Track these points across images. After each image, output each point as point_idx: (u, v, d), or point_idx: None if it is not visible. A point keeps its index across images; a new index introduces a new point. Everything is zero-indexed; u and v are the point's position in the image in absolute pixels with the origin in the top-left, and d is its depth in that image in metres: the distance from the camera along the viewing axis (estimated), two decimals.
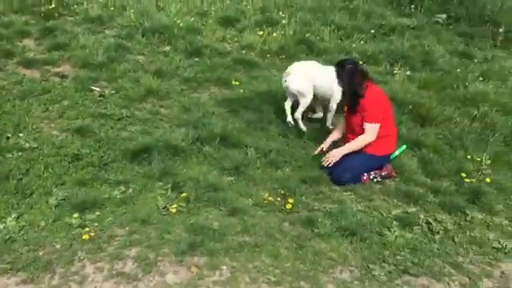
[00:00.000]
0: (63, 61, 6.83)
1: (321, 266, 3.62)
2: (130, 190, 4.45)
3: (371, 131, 4.75)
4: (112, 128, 5.46)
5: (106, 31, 7.83)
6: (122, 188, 4.46)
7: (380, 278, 3.56)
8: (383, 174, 4.94)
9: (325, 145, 5.11)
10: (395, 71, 7.34)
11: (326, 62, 7.29)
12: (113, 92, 6.14)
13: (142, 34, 7.72)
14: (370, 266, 3.67)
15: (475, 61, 8.02)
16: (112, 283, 3.35)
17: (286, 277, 3.49)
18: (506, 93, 6.96)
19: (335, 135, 5.22)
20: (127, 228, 3.95)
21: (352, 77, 4.81)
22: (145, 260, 3.55)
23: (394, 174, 5.00)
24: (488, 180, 5.02)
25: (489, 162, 5.37)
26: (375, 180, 4.89)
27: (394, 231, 4.10)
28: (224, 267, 3.54)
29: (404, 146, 5.33)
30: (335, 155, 4.82)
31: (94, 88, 6.20)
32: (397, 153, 5.18)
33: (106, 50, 7.03)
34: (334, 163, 4.80)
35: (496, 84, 7.18)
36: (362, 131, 4.82)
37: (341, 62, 5.03)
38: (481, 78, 7.27)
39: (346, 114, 5.04)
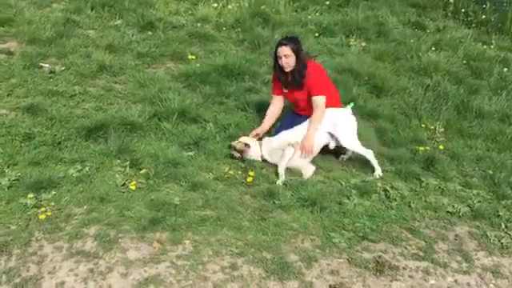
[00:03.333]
0: (9, 37, 6.49)
1: (283, 237, 3.66)
2: (87, 168, 4.33)
3: (321, 103, 4.71)
4: (64, 106, 5.27)
5: (53, 5, 7.49)
6: (78, 166, 4.34)
7: (340, 244, 3.63)
8: None
9: (264, 128, 4.94)
10: (351, 43, 7.41)
11: (282, 36, 7.32)
12: (63, 68, 5.90)
13: (91, 7, 7.44)
14: (330, 234, 3.74)
15: (428, 31, 8.19)
16: (72, 262, 3.28)
17: (248, 248, 3.51)
18: (457, 62, 7.14)
19: (274, 112, 5.02)
20: (85, 206, 3.86)
21: (301, 53, 4.76)
22: (105, 237, 3.49)
23: None
24: (441, 147, 5.18)
25: (442, 130, 5.53)
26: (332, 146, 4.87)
27: (353, 200, 4.18)
28: (187, 241, 3.53)
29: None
30: (310, 144, 4.61)
31: (43, 65, 5.94)
32: None
33: (54, 24, 6.73)
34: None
35: (448, 54, 7.35)
36: (307, 104, 4.82)
37: (291, 38, 4.88)
38: (433, 48, 7.44)
39: (288, 92, 4.95)
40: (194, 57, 6.55)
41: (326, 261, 3.46)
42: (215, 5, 7.92)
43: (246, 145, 4.67)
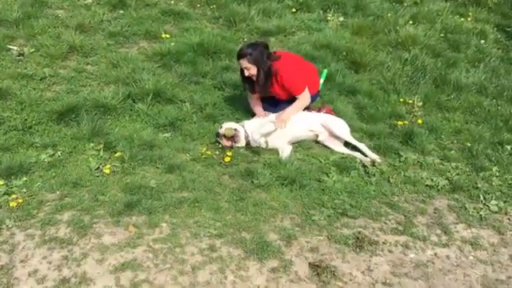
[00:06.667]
0: None
1: (262, 216, 3.61)
2: (59, 152, 4.22)
3: (304, 96, 4.68)
4: (35, 89, 5.12)
5: None
6: (50, 151, 4.23)
7: (320, 222, 3.60)
8: (324, 112, 4.93)
9: (260, 113, 4.84)
10: (328, 18, 7.29)
11: (259, 12, 7.19)
12: (32, 50, 5.72)
13: None
14: (309, 211, 3.70)
15: (405, 4, 8.08)
16: (45, 249, 3.19)
17: (227, 229, 3.46)
18: (434, 35, 7.09)
19: (259, 106, 4.90)
20: (58, 192, 3.76)
21: (263, 57, 4.55)
22: (79, 223, 3.40)
23: (332, 112, 5.00)
24: (420, 121, 5.15)
25: (420, 103, 5.49)
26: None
27: (333, 176, 4.14)
28: (164, 224, 3.46)
29: (325, 71, 5.39)
30: (287, 118, 4.57)
31: (11, 47, 5.74)
32: (322, 81, 5.21)
33: (22, 5, 6.51)
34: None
35: (425, 27, 7.29)
36: (287, 95, 4.71)
37: (250, 47, 4.61)
38: (411, 22, 7.37)
39: None
40: (168, 35, 6.39)
41: (305, 238, 3.43)
42: None
43: (235, 129, 4.49)
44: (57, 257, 3.13)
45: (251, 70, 4.57)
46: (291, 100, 4.72)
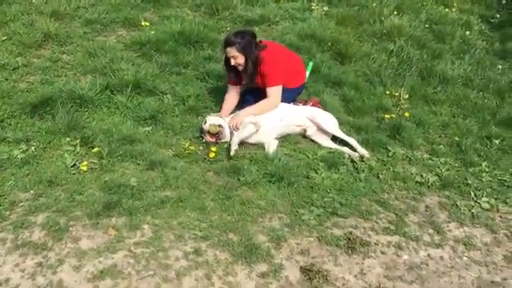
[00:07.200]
0: None
1: (249, 216, 3.44)
2: (33, 148, 3.98)
3: (274, 94, 4.44)
4: (7, 79, 4.86)
5: None
6: (23, 146, 3.99)
7: (310, 222, 3.45)
8: (310, 105, 4.78)
9: (224, 113, 4.55)
10: (313, 7, 7.13)
11: (242, 0, 6.99)
12: (4, 38, 5.43)
13: None
14: (299, 210, 3.55)
15: None
16: (17, 256, 2.97)
17: (213, 230, 3.28)
18: (419, 26, 7.01)
19: (232, 101, 4.65)
20: (32, 191, 3.53)
21: (252, 47, 4.38)
22: (54, 226, 3.18)
23: (319, 105, 4.87)
24: (407, 114, 5.04)
25: (407, 96, 5.38)
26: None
27: (321, 173, 4.00)
28: (145, 226, 3.26)
29: (311, 63, 5.27)
30: (239, 117, 4.36)
31: None
32: (308, 73, 5.08)
33: None
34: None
35: (410, 17, 7.20)
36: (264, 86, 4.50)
37: (238, 34, 4.44)
38: (395, 12, 7.25)
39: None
40: (147, 23, 6.14)
41: (295, 240, 3.28)
42: None
43: (219, 126, 4.29)
44: (30, 264, 2.91)
45: (238, 59, 4.38)
46: None
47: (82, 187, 3.58)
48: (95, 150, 3.98)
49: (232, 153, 4.04)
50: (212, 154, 4.10)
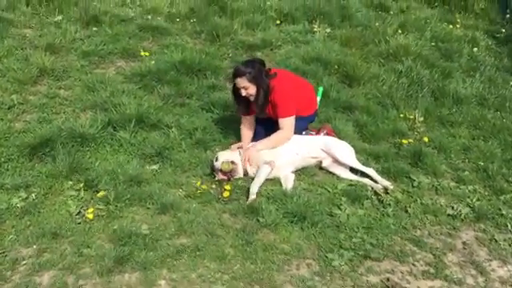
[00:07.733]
0: None
1: (274, 264, 3.15)
2: (33, 195, 3.71)
3: (288, 126, 4.23)
4: (2, 119, 4.63)
5: None
6: (23, 194, 3.72)
7: (341, 268, 3.16)
8: (325, 133, 4.54)
9: (245, 144, 4.35)
10: (315, 29, 6.95)
11: (242, 25, 6.80)
12: None
13: (27, 3, 6.82)
14: (327, 255, 3.26)
15: (391, 13, 7.85)
16: None
17: (236, 283, 2.99)
18: (426, 44, 6.82)
19: (248, 134, 4.45)
20: (35, 246, 3.24)
21: (262, 76, 4.19)
22: (62, 287, 2.87)
23: (333, 133, 4.63)
24: (426, 139, 4.80)
25: (422, 118, 5.16)
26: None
27: (345, 209, 3.73)
28: (162, 282, 2.97)
29: (321, 88, 5.09)
30: (255, 152, 4.17)
31: None
32: (319, 99, 4.91)
33: None
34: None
35: (415, 36, 7.02)
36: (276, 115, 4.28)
37: (248, 64, 4.25)
38: (400, 31, 7.08)
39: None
40: (147, 53, 5.94)
41: None
42: None
43: (233, 162, 4.04)
44: None
45: (250, 90, 4.14)
46: None
47: (90, 238, 3.30)
48: (101, 193, 3.71)
49: (249, 202, 3.76)
50: (226, 194, 3.83)
